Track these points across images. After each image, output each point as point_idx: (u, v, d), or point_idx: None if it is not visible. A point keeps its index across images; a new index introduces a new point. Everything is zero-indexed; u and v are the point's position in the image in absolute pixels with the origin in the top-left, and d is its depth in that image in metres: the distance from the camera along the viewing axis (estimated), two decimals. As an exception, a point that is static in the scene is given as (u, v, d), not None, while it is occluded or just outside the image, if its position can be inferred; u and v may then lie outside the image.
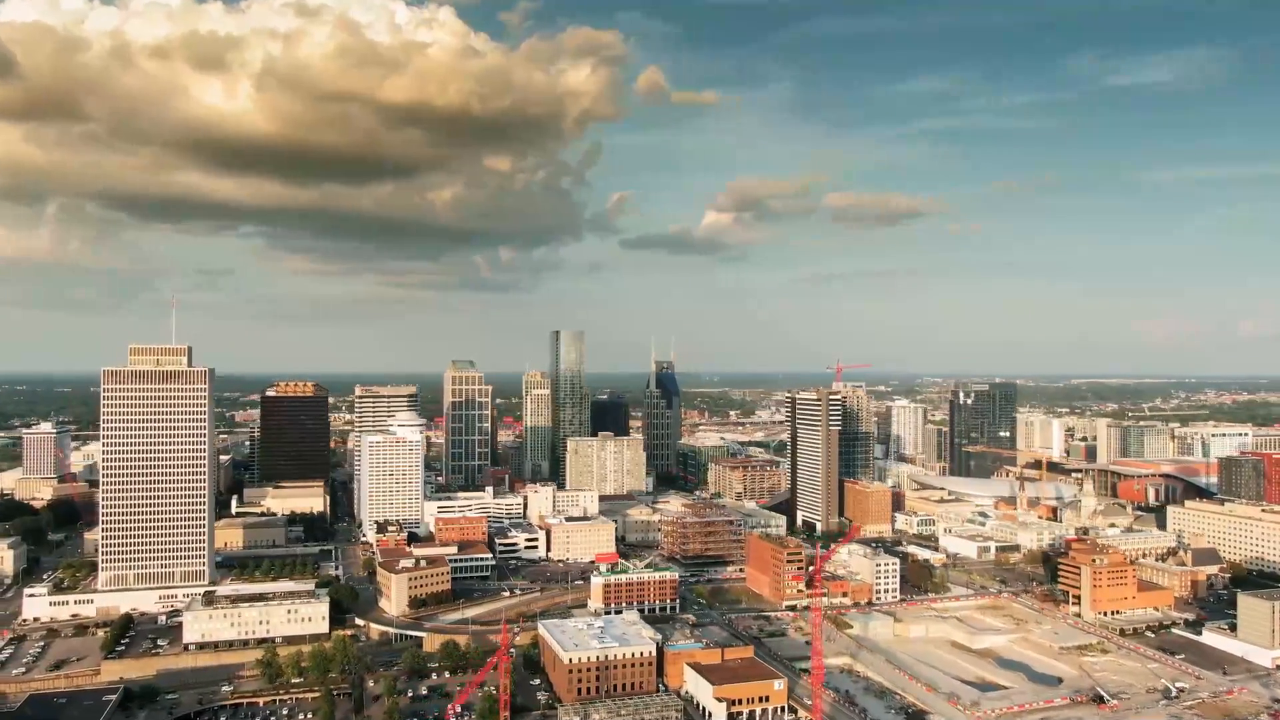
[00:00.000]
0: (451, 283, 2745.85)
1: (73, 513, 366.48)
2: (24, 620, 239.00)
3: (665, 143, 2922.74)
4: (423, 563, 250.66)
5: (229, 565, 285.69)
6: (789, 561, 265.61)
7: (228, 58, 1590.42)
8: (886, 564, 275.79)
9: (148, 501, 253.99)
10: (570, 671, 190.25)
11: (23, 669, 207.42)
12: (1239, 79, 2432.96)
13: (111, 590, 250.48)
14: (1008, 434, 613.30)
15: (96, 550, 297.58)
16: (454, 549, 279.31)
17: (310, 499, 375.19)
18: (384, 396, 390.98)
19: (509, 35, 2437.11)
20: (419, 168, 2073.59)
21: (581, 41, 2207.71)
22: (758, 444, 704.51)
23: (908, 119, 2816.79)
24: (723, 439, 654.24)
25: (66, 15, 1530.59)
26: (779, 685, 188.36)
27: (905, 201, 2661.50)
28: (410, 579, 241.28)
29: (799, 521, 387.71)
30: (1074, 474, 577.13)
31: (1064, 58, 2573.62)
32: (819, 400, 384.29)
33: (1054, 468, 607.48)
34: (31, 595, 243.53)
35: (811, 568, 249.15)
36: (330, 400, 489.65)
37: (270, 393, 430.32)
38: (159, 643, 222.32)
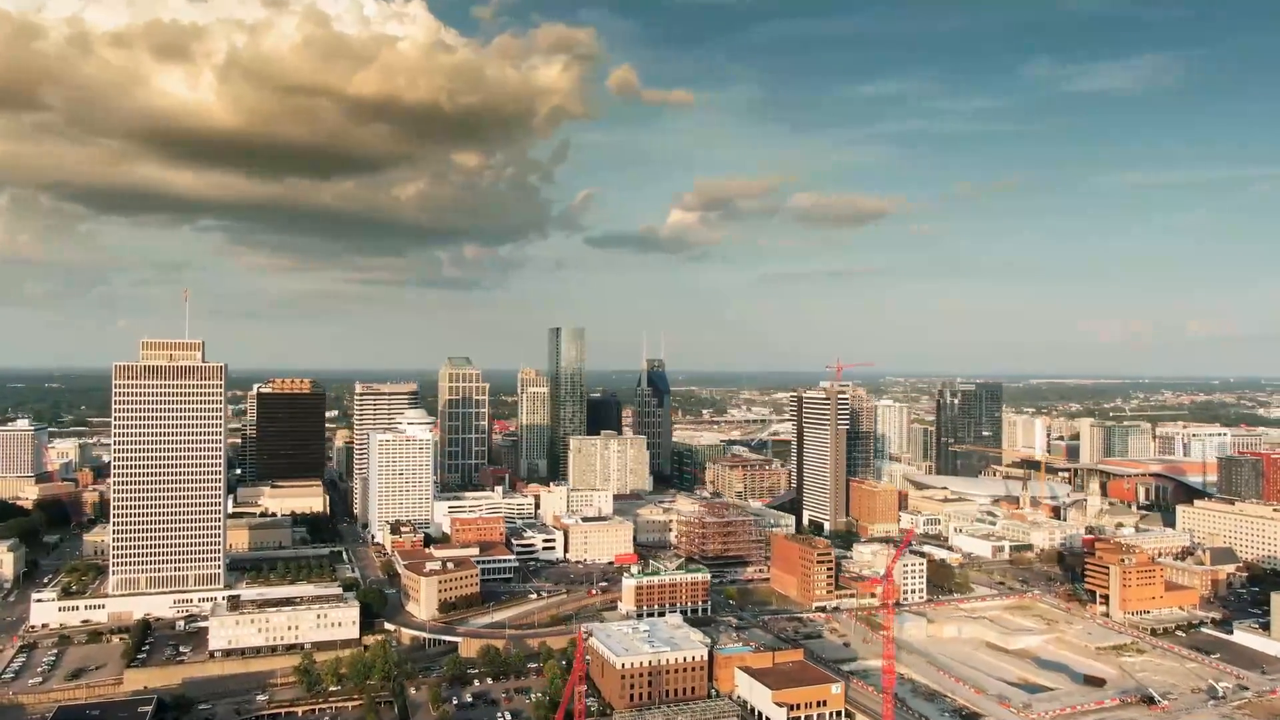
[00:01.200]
0: (414, 279, 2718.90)
1: (63, 513, 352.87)
2: (32, 627, 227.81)
3: (634, 141, 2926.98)
4: (450, 565, 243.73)
5: (239, 568, 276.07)
6: (819, 562, 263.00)
7: (191, 48, 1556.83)
8: (913, 564, 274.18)
9: (161, 502, 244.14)
10: (623, 678, 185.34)
11: (39, 679, 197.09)
12: (1188, 88, 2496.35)
13: (123, 595, 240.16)
14: (989, 433, 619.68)
15: (96, 552, 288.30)
16: (475, 550, 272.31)
17: (309, 499, 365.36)
18: (385, 394, 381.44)
19: (481, 30, 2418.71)
20: (385, 163, 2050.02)
21: (555, 39, 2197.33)
22: (738, 442, 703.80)
23: (870, 121, 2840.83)
24: (703, 437, 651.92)
25: (23, 0, 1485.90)
26: (836, 689, 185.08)
27: (871, 202, 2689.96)
28: (440, 582, 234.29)
29: (805, 521, 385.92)
30: (1061, 473, 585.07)
31: (1021, 63, 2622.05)
32: (827, 399, 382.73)
33: (1036, 465, 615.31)
34: (40, 600, 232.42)
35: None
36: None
37: (264, 389, 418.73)
38: (181, 650, 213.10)
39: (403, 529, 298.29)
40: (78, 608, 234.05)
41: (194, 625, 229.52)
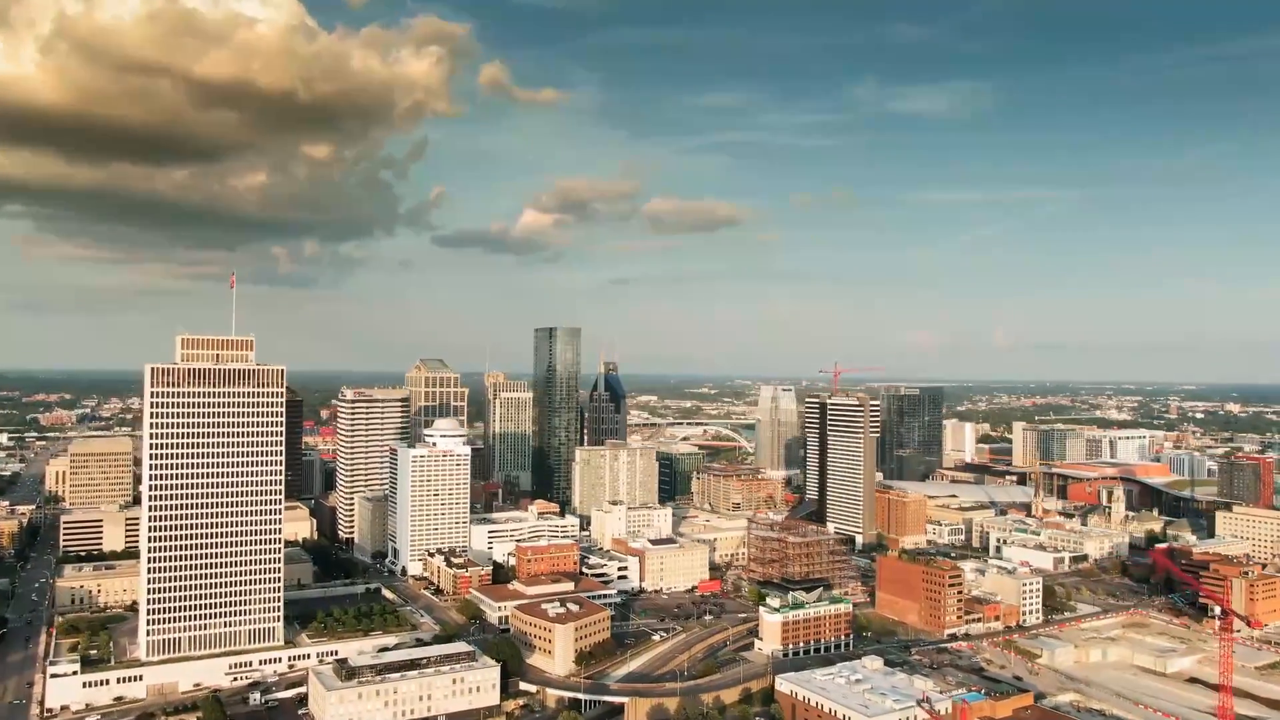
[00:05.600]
0: (245, 275, 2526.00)
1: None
2: (50, 710, 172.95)
3: (495, 139, 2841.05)
4: (574, 607, 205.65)
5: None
6: (950, 585, 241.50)
7: (11, 14, 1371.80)
8: (1030, 584, 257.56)
9: (208, 539, 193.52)
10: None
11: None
12: (998, 112, 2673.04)
13: (162, 661, 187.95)
14: (921, 438, 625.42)
15: (75, 600, 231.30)
16: (570, 585, 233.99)
17: (294, 524, 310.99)
18: (377, 401, 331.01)
19: (352, 18, 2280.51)
20: (226, 151, 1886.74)
21: (429, 31, 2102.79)
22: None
23: (709, 130, 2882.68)
24: (676, 446, 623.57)
25: None
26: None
27: (723, 209, 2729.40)
28: (576, 629, 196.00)
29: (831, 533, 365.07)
30: (1007, 475, 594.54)
31: (847, 82, 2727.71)
32: (859, 406, 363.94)
33: (985, 469, 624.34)
34: (57, 675, 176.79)
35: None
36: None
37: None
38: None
39: (453, 560, 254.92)
40: (106, 681, 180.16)
41: (272, 699, 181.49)
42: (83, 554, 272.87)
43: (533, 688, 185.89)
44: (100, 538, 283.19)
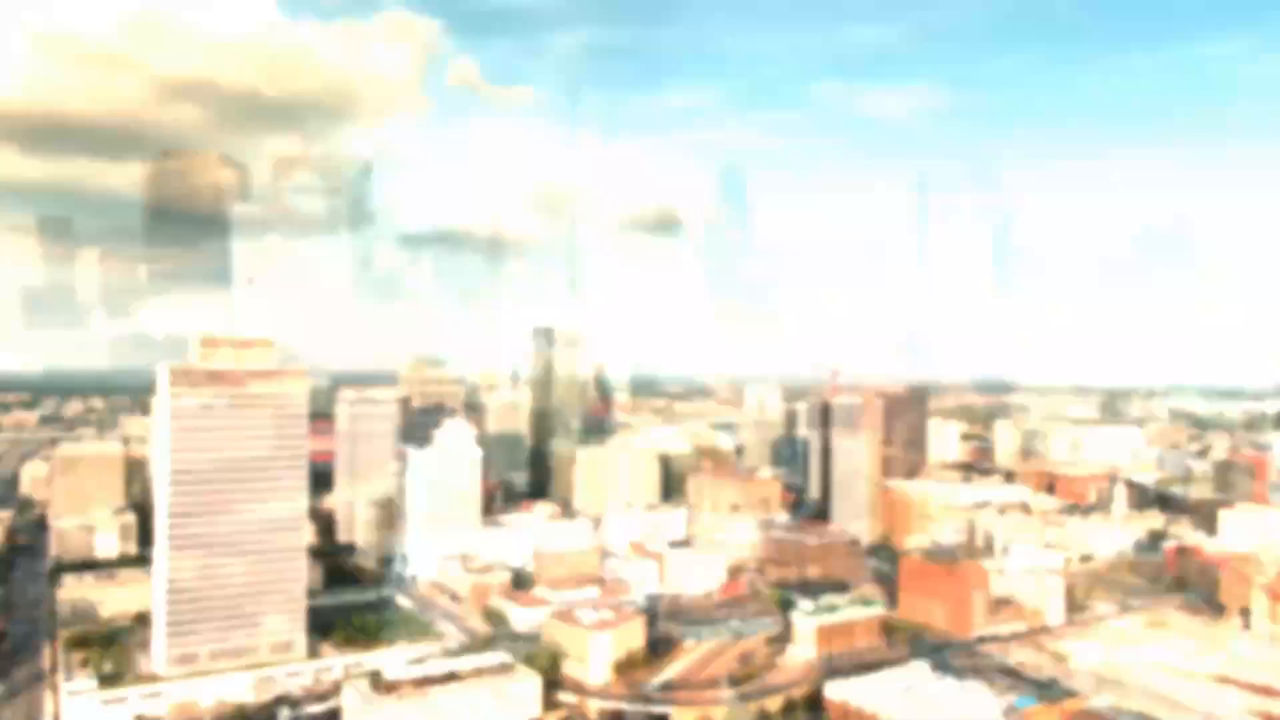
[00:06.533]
0: (205, 274, 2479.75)
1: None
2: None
3: (465, 136, 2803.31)
4: (608, 614, 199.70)
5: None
6: (978, 587, 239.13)
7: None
8: (1052, 583, 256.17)
9: (230, 547, 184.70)
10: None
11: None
12: (955, 116, 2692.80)
13: (183, 675, 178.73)
14: (903, 435, 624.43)
15: (75, 612, 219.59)
16: (596, 591, 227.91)
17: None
18: (379, 402, 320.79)
19: (320, 12, 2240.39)
20: (187, 146, 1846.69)
21: (398, 26, 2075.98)
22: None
23: (670, 129, 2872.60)
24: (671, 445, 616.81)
25: None
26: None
27: (690, 209, 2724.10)
28: (613, 636, 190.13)
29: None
30: (992, 473, 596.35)
31: (810, 84, 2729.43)
32: (864, 404, 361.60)
33: (970, 467, 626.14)
34: (74, 693, 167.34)
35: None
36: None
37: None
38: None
39: (470, 565, 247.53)
40: (126, 699, 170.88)
41: (301, 713, 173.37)
42: (75, 562, 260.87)
43: (573, 698, 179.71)
44: (93, 545, 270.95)
